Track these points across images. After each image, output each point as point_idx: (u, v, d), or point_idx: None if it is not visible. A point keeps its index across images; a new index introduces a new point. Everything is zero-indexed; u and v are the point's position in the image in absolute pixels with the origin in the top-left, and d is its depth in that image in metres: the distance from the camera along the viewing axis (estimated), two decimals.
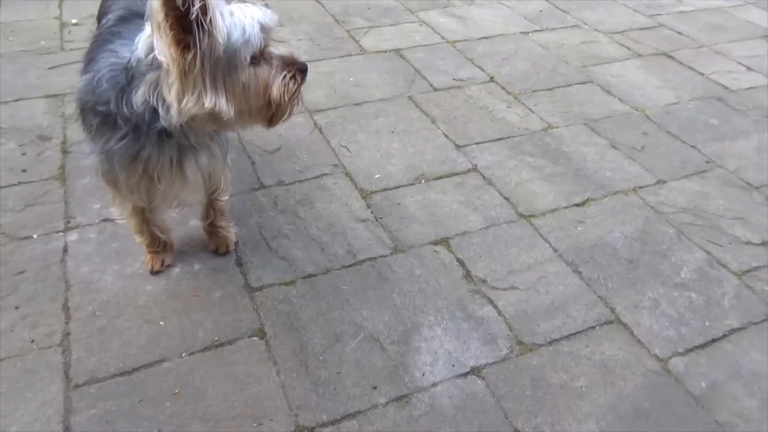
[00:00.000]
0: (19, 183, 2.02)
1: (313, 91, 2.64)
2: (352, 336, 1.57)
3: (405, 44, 3.08)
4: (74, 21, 3.10)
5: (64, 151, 2.18)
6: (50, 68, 2.69)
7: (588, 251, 1.88)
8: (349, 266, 1.78)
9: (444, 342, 1.57)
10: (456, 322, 1.63)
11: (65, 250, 1.78)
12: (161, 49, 1.12)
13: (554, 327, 1.63)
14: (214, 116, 1.22)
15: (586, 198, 2.10)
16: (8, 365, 1.45)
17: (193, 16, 1.07)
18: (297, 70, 1.27)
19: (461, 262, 1.82)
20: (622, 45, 3.21)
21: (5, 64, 2.70)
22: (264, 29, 1.20)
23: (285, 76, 1.25)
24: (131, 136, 1.30)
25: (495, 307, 1.68)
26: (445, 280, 1.76)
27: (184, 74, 1.14)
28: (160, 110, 1.23)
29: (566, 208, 2.06)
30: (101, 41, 1.37)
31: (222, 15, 1.15)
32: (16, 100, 2.45)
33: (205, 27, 1.10)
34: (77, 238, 1.82)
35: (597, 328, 1.64)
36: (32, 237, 1.81)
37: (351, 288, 1.71)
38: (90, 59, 1.37)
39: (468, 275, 1.78)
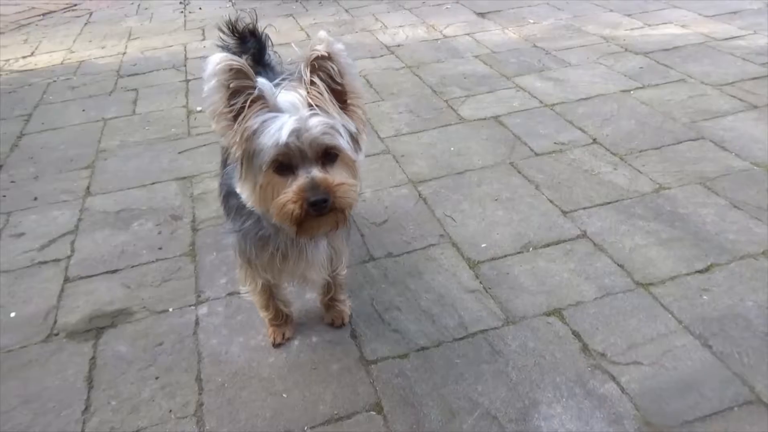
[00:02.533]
0: (157, 260, 2.23)
1: (415, 162, 2.74)
2: (468, 412, 1.56)
3: (503, 111, 3.13)
4: (199, 109, 3.46)
5: (194, 229, 2.39)
6: (180, 153, 2.99)
7: (717, 322, 1.76)
8: (461, 339, 1.79)
9: (565, 421, 1.51)
10: (576, 399, 1.57)
11: (197, 322, 1.93)
12: (217, 130, 1.24)
13: (686, 407, 1.52)
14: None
15: (709, 264, 1.99)
16: None
17: (234, 112, 1.20)
18: (304, 198, 1.21)
19: (577, 335, 1.77)
20: (734, 96, 3.07)
21: (143, 151, 3.04)
22: (282, 145, 1.19)
23: (287, 196, 1.22)
24: (259, 219, 1.43)
25: (618, 383, 1.60)
26: (561, 354, 1.71)
27: (240, 160, 1.26)
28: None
29: (688, 275, 1.95)
30: None
31: (264, 115, 1.21)
32: (152, 184, 2.74)
33: (243, 121, 1.20)
34: (207, 311, 1.97)
35: (735, 408, 1.51)
36: (168, 310, 1.99)
37: (464, 361, 1.71)
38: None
39: (585, 348, 1.72)
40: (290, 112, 1.22)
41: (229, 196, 1.52)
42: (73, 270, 2.21)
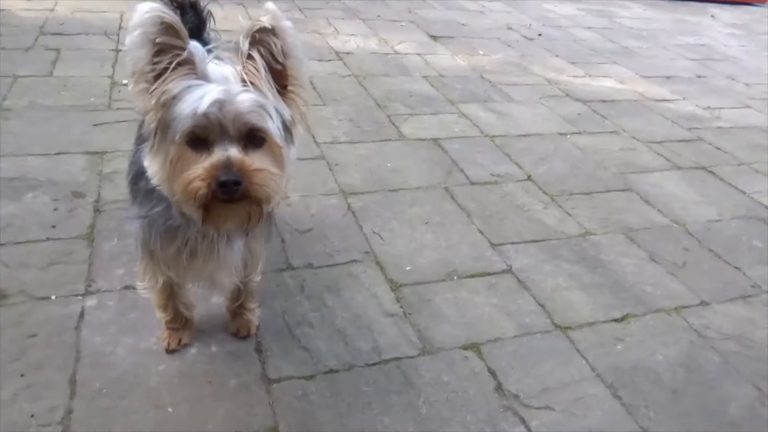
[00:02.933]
0: (47, 239, 1.99)
1: (349, 172, 2.63)
2: None
3: (444, 134, 3.10)
4: (125, 81, 3.16)
5: (96, 210, 2.16)
6: (95, 125, 2.73)
7: (628, 373, 1.76)
8: (373, 365, 1.68)
9: None
10: None
11: (81, 316, 1.71)
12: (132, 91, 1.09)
13: None
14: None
15: (625, 313, 2.00)
16: None
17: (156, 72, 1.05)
18: (214, 177, 1.07)
19: (493, 372, 1.70)
20: (661, 155, 3.19)
21: (53, 116, 2.75)
22: (201, 115, 1.06)
23: (196, 173, 1.07)
24: (168, 205, 1.26)
25: (528, 428, 1.55)
26: (475, 391, 1.64)
27: (152, 129, 1.11)
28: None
29: (605, 322, 1.95)
30: None
31: (188, 82, 1.07)
32: (57, 154, 2.47)
33: (164, 83, 1.06)
34: (96, 303, 1.76)
35: None
36: (50, 298, 1.75)
37: (374, 390, 1.60)
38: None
39: (499, 388, 1.66)
40: (218, 83, 1.08)
41: (138, 176, 1.33)
42: None
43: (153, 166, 1.14)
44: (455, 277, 2.07)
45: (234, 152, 1.08)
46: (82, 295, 1.78)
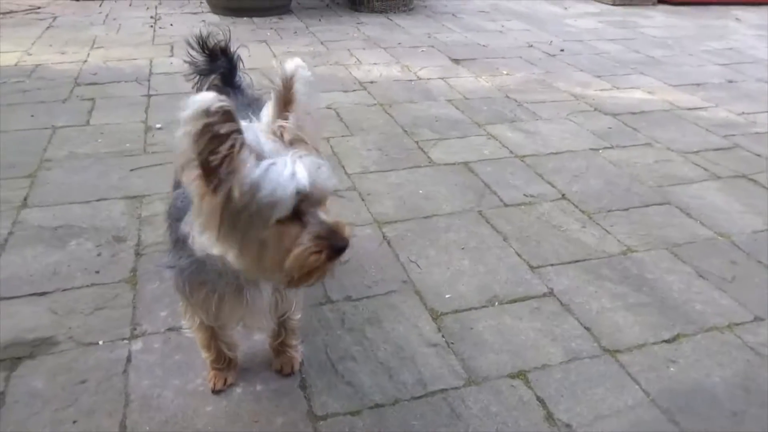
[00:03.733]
0: (92, 285, 2.03)
1: (381, 202, 2.63)
2: None
3: (473, 157, 3.09)
4: (158, 126, 3.29)
5: (138, 254, 2.20)
6: (132, 170, 2.81)
7: (684, 397, 1.69)
8: (419, 398, 1.65)
9: None
10: None
11: (129, 359, 1.73)
12: (186, 178, 1.06)
13: None
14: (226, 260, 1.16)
15: (676, 333, 1.93)
16: None
17: (217, 161, 1.02)
18: (329, 246, 1.10)
19: (542, 401, 1.66)
20: (698, 165, 3.12)
21: (91, 164, 2.84)
22: (304, 192, 1.07)
23: (309, 248, 1.09)
24: (197, 260, 1.27)
25: None
26: (525, 422, 1.59)
27: (206, 209, 1.09)
28: (190, 237, 1.19)
29: (655, 344, 1.89)
30: None
31: (258, 164, 1.06)
32: (98, 200, 2.54)
33: (231, 175, 1.04)
34: (141, 347, 1.78)
35: None
36: (98, 343, 1.78)
37: (421, 423, 1.57)
38: None
39: (550, 417, 1.61)
40: (279, 155, 1.09)
41: (173, 224, 1.36)
42: None
43: (228, 251, 1.13)
44: (496, 303, 2.04)
45: (325, 217, 1.12)
46: (128, 339, 1.81)
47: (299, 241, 1.09)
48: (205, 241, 1.14)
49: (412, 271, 2.19)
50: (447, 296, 2.06)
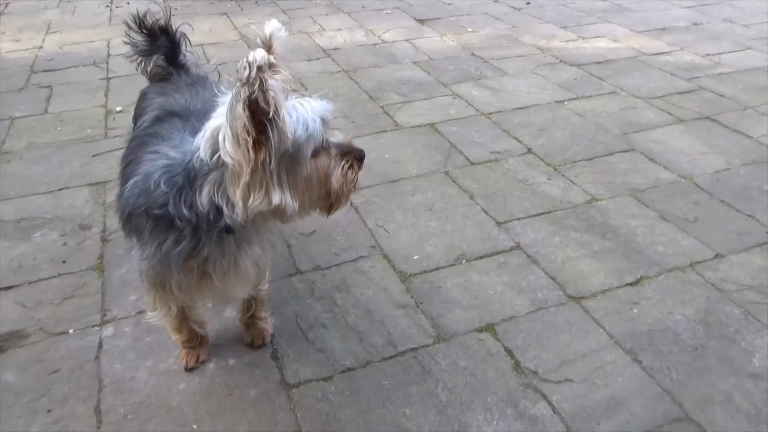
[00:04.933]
0: (59, 275, 2.02)
1: None
2: None
3: (439, 118, 3.08)
4: (118, 108, 3.23)
5: (104, 240, 2.19)
6: (94, 155, 2.77)
7: (647, 337, 1.74)
8: (389, 358, 1.69)
9: None
10: (508, 421, 1.50)
11: (100, 345, 1.74)
12: (233, 149, 1.09)
13: (617, 426, 1.48)
14: (278, 211, 1.20)
15: (639, 276, 1.98)
16: None
17: (271, 115, 1.07)
18: (354, 158, 1.26)
19: (509, 352, 1.70)
20: (663, 110, 3.14)
21: (52, 153, 2.79)
22: (324, 122, 1.20)
23: (343, 166, 1.24)
24: (190, 236, 1.26)
25: (549, 402, 1.54)
26: (493, 373, 1.64)
27: (253, 173, 1.12)
28: (225, 209, 1.20)
29: (619, 288, 1.93)
30: (141, 143, 1.37)
31: (288, 112, 1.14)
32: (60, 189, 2.51)
33: (278, 125, 1.09)
34: (112, 332, 1.79)
35: (665, 426, 1.48)
36: (68, 332, 1.79)
37: (392, 383, 1.61)
38: (130, 161, 1.36)
39: (517, 366, 1.66)
40: (291, 95, 1.19)
41: (132, 216, 1.30)
42: None
43: (291, 200, 1.18)
44: (464, 261, 2.07)
45: (338, 137, 1.26)
46: (98, 325, 1.81)
47: (333, 165, 1.22)
48: (250, 205, 1.16)
49: (380, 236, 2.20)
50: (415, 258, 2.08)
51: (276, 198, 1.16)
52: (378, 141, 2.87)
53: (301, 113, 1.16)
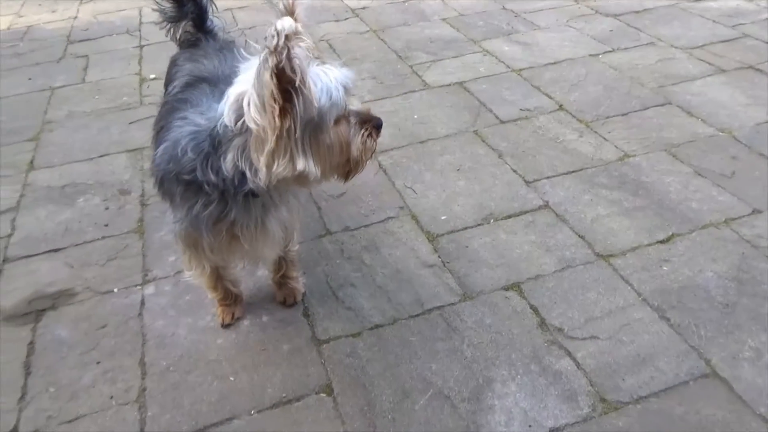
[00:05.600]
0: (103, 237, 2.13)
1: None
2: (421, 392, 1.51)
3: (469, 76, 3.03)
4: (152, 76, 3.29)
5: (143, 204, 2.28)
6: (131, 123, 2.85)
7: (676, 294, 1.73)
8: (416, 316, 1.73)
9: (519, 399, 1.48)
10: (531, 376, 1.53)
11: (142, 303, 1.84)
12: (259, 116, 1.12)
13: (641, 382, 1.50)
14: (301, 177, 1.23)
15: (671, 234, 1.95)
16: (89, 422, 1.50)
17: (297, 83, 1.10)
18: (373, 126, 1.29)
19: (535, 309, 1.72)
20: (703, 60, 3.01)
21: (92, 121, 2.89)
22: (346, 90, 1.22)
23: (363, 134, 1.27)
24: (218, 200, 1.32)
25: (573, 359, 1.57)
26: (518, 330, 1.66)
27: (278, 140, 1.16)
28: (249, 174, 1.24)
29: (649, 245, 1.91)
30: (171, 109, 1.41)
31: (313, 80, 1.16)
32: (101, 156, 2.61)
33: (304, 93, 1.12)
34: (153, 291, 1.88)
35: (690, 383, 1.49)
36: (113, 291, 1.89)
37: (419, 339, 1.66)
38: (161, 127, 1.41)
39: (543, 324, 1.68)
40: (314, 62, 1.20)
41: (165, 181, 1.37)
42: (12, 249, 2.09)
43: (313, 167, 1.21)
44: (491, 221, 2.07)
45: (356, 106, 1.28)
46: (140, 284, 1.91)
47: (353, 132, 1.26)
48: (274, 171, 1.19)
49: (408, 196, 2.22)
50: (443, 218, 2.10)
51: (300, 165, 1.19)
52: (406, 101, 2.86)
53: (324, 82, 1.18)
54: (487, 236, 2.00)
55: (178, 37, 1.90)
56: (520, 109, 2.72)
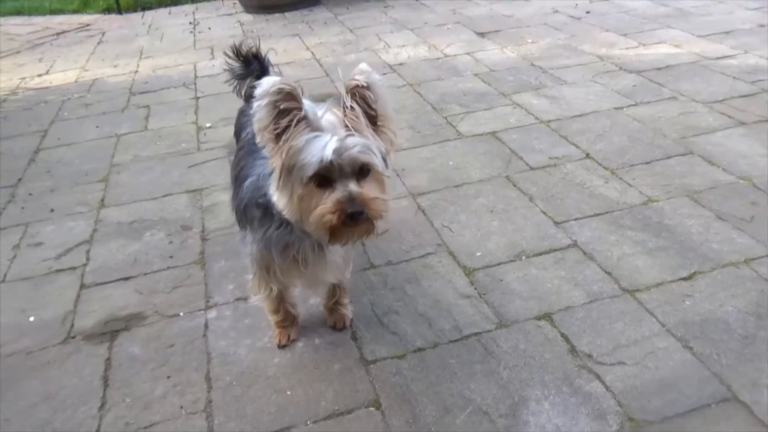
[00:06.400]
0: (168, 268, 2.35)
1: (414, 175, 2.86)
2: (461, 408, 1.66)
3: (500, 127, 3.26)
4: (208, 125, 3.60)
5: (203, 239, 2.52)
6: (190, 167, 3.13)
7: (698, 326, 1.86)
8: (455, 341, 1.89)
9: (552, 416, 1.61)
10: (563, 396, 1.67)
11: (206, 326, 2.04)
12: (262, 140, 1.33)
13: (666, 404, 1.62)
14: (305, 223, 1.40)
15: (693, 271, 2.09)
16: (162, 428, 1.68)
17: (280, 129, 1.30)
18: (342, 210, 1.31)
19: (565, 337, 1.87)
20: (723, 114, 3.19)
21: (154, 165, 3.18)
22: (326, 160, 1.29)
23: (327, 208, 1.32)
24: (285, 225, 1.53)
25: (602, 382, 1.70)
26: (550, 355, 1.81)
27: (279, 175, 1.36)
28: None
29: (672, 282, 2.05)
30: (249, 151, 1.66)
31: (308, 135, 1.31)
32: (164, 196, 2.87)
33: (289, 136, 1.31)
34: (215, 315, 2.08)
35: (713, 406, 1.60)
36: (179, 315, 2.10)
37: (458, 362, 1.81)
38: (242, 167, 1.65)
39: (573, 350, 1.82)
40: (330, 132, 1.32)
41: (248, 207, 1.61)
42: (88, 277, 2.33)
43: (281, 200, 1.41)
44: (523, 257, 2.24)
45: (354, 187, 1.34)
46: (203, 309, 2.12)
47: (322, 201, 1.33)
48: (275, 196, 1.40)
49: (446, 234, 2.41)
50: (478, 254, 2.28)
51: (276, 198, 1.39)
52: (442, 149, 3.09)
53: (312, 144, 1.30)
54: (520, 271, 2.17)
55: (243, 92, 2.16)
56: (549, 157, 2.91)
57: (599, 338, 1.85)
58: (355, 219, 1.32)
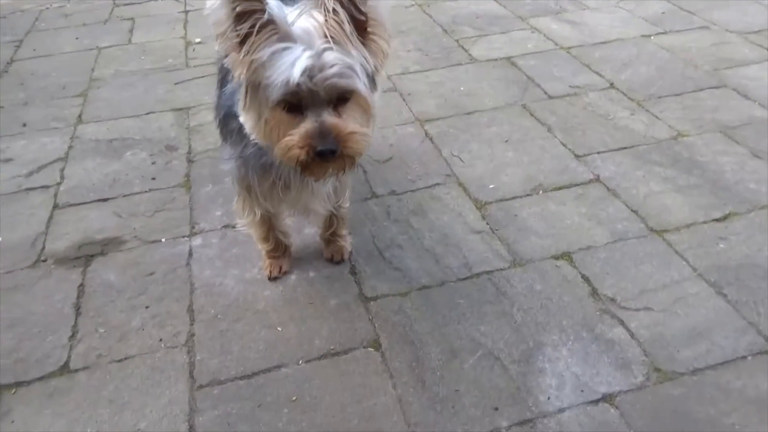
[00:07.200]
0: (150, 190, 2.14)
1: (422, 100, 2.61)
2: (469, 352, 1.50)
3: (516, 52, 2.98)
4: (198, 40, 3.30)
5: (189, 161, 2.29)
6: (176, 84, 2.86)
7: (733, 271, 1.69)
8: (464, 279, 1.71)
9: (570, 364, 1.45)
10: (583, 343, 1.51)
11: (190, 254, 1.85)
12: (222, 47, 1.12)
13: (697, 354, 1.46)
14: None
15: (727, 212, 1.90)
16: (139, 362, 1.52)
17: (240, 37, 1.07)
18: (310, 146, 1.13)
19: (586, 279, 1.69)
20: (760, 45, 2.91)
21: (137, 81, 2.91)
22: (293, 83, 1.08)
23: (293, 141, 1.13)
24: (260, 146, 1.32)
25: (627, 328, 1.54)
26: (569, 298, 1.64)
27: (243, 87, 1.15)
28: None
29: (705, 223, 1.86)
30: None
31: (274, 45, 1.08)
32: (147, 114, 2.62)
33: (251, 47, 1.08)
34: (201, 243, 1.89)
35: (749, 358, 1.45)
36: (161, 241, 1.91)
37: (467, 302, 1.64)
38: (228, 70, 1.41)
39: (594, 293, 1.65)
40: (303, 43, 1.08)
41: (227, 118, 1.39)
42: (62, 197, 2.12)
43: (248, 122, 1.20)
44: (540, 191, 2.04)
45: (327, 118, 1.12)
46: (187, 236, 1.92)
47: (289, 132, 1.13)
48: (242, 116, 1.18)
49: (455, 165, 2.20)
50: (491, 187, 2.07)
51: (242, 117, 1.18)
52: (452, 73, 2.82)
53: (280, 60, 1.08)
54: (537, 206, 1.97)
55: None
56: (570, 86, 2.66)
57: (623, 281, 1.68)
58: (325, 157, 1.13)
